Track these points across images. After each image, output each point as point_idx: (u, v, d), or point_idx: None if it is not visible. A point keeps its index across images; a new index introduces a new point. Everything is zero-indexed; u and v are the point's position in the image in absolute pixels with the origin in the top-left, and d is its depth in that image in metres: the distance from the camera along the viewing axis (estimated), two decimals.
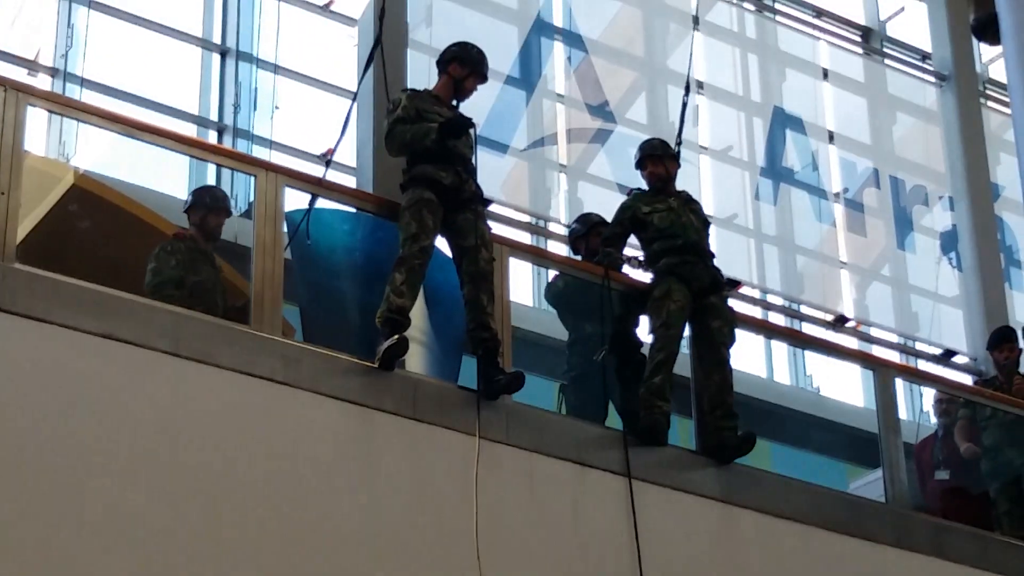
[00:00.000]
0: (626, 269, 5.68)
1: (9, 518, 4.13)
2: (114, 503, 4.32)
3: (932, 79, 10.21)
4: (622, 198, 5.88)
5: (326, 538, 4.61)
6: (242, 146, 7.66)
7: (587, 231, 5.92)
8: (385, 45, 5.96)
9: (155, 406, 4.47)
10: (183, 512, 4.38)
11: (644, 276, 5.58)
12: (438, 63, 5.19)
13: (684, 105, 6.69)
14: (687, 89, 6.84)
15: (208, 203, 5.17)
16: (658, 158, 5.57)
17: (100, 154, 6.20)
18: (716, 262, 5.58)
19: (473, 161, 5.08)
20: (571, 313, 5.82)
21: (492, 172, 7.66)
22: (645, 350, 5.60)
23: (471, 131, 4.99)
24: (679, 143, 6.42)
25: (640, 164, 5.63)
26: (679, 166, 5.71)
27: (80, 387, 4.39)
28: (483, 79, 5.15)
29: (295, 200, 5.18)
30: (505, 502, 4.90)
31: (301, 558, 4.55)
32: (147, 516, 4.32)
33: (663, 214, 5.39)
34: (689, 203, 5.55)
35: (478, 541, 4.51)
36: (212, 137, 7.60)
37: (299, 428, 4.68)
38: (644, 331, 5.64)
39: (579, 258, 5.96)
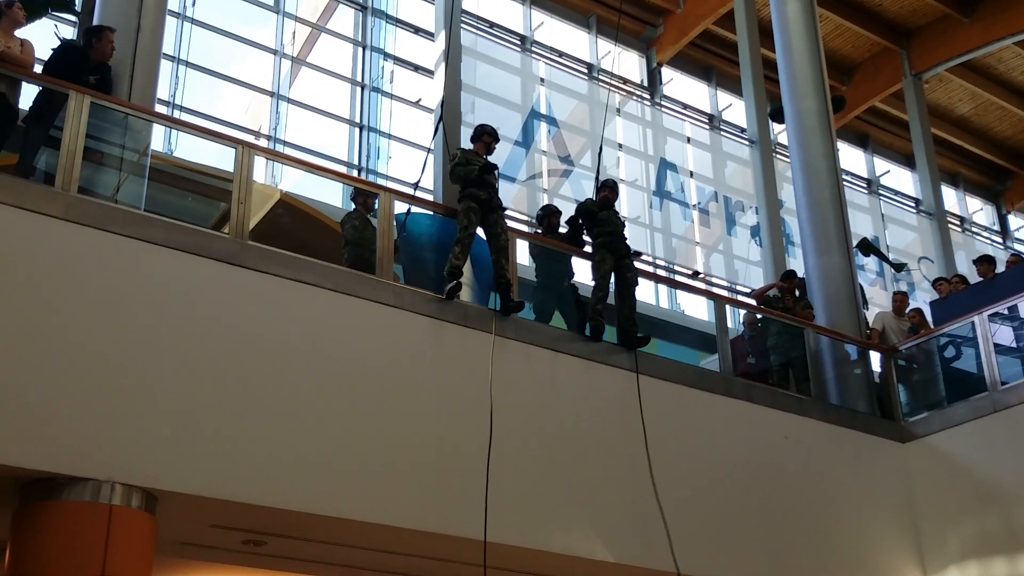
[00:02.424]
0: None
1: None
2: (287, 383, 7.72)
3: (746, 143, 19.06)
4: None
5: (413, 387, 8.28)
6: (372, 178, 15.23)
7: (547, 215, 11.02)
8: (448, 125, 11.26)
9: (322, 322, 8.09)
10: (321, 384, 7.82)
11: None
12: (473, 136, 9.78)
13: (600, 157, 12.36)
14: (600, 150, 13.21)
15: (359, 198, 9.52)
16: (612, 189, 10.68)
17: (294, 182, 11.59)
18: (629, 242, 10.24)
19: (496, 186, 9.37)
20: (539, 256, 10.44)
21: (507, 192, 15.50)
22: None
23: (496, 171, 9.44)
24: (597, 176, 11.42)
25: (601, 190, 10.58)
26: (617, 196, 10.79)
27: (291, 317, 7.88)
28: (498, 142, 9.88)
29: (401, 207, 9.58)
30: (511, 371, 8.80)
31: (393, 406, 8.14)
32: (296, 384, 7.74)
33: (606, 214, 10.27)
34: (617, 214, 10.39)
35: (491, 388, 8.45)
36: (355, 173, 15.34)
37: (402, 330, 8.46)
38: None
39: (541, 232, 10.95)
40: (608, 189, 10.77)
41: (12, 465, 6.81)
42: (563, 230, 10.92)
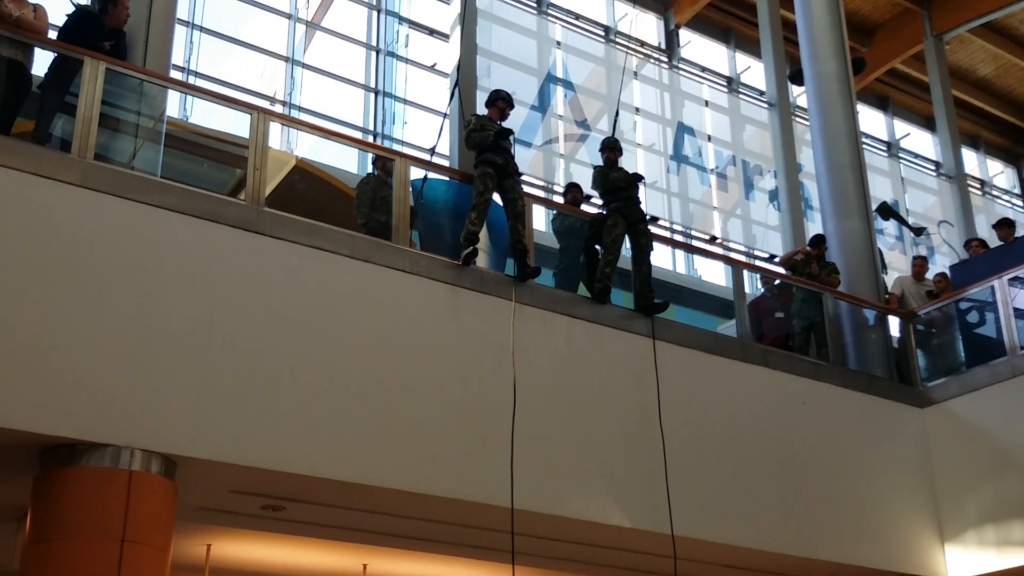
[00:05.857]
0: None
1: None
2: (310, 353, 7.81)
3: (765, 106, 19.23)
4: None
5: (430, 353, 8.35)
6: (387, 144, 15.37)
7: (569, 190, 11.47)
8: (463, 89, 11.25)
9: (338, 288, 8.16)
10: (347, 353, 7.98)
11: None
12: (488, 101, 9.85)
13: (616, 119, 12.34)
14: (616, 113, 13.59)
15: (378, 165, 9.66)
16: (611, 148, 10.52)
17: (309, 148, 11.69)
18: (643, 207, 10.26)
19: (512, 151, 9.46)
20: (563, 234, 10.54)
21: (523, 158, 15.42)
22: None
23: (511, 136, 9.50)
24: (614, 137, 11.07)
25: (603, 151, 10.52)
26: (621, 154, 10.59)
27: (307, 284, 7.97)
28: (513, 107, 9.93)
29: (418, 173, 9.68)
30: (528, 337, 8.83)
31: (409, 372, 8.25)
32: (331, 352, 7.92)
33: (616, 175, 10.19)
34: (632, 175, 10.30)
35: (514, 355, 8.57)
36: (371, 138, 15.47)
37: (419, 296, 8.53)
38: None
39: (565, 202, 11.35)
40: (608, 149, 10.65)
41: (32, 431, 6.84)
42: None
